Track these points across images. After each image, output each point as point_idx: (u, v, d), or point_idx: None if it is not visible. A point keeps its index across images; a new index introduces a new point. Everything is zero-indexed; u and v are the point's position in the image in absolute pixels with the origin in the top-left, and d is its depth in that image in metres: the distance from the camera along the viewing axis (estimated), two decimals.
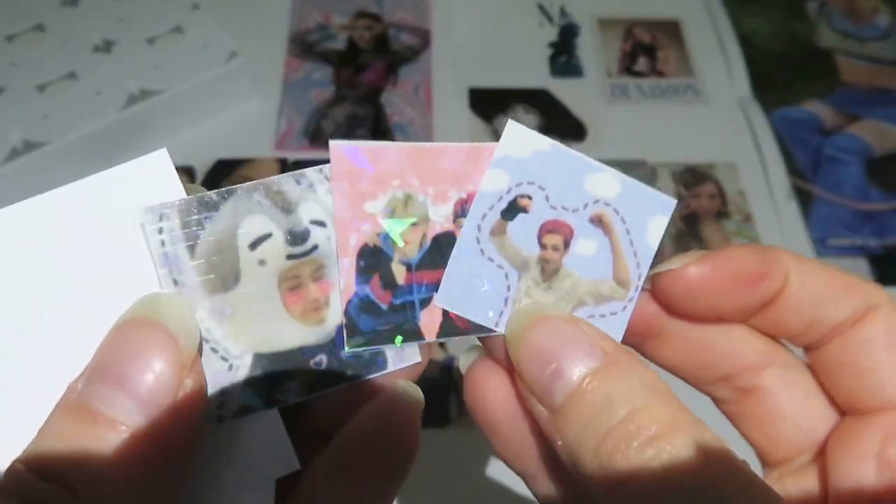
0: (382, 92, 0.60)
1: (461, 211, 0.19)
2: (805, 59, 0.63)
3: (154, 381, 0.15)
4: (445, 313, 0.18)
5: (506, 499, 0.42)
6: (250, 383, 0.16)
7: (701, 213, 0.54)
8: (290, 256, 0.16)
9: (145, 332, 0.15)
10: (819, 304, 0.19)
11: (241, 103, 0.59)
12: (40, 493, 0.14)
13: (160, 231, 0.16)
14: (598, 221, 0.19)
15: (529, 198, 0.19)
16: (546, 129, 0.58)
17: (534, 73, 0.62)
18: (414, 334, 0.18)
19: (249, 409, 0.16)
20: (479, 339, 0.19)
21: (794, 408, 0.21)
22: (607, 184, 0.19)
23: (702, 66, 0.63)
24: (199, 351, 0.16)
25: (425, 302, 0.18)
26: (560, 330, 0.17)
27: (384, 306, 0.18)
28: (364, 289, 0.18)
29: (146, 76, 0.55)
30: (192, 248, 0.16)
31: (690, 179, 0.55)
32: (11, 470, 0.14)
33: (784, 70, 0.62)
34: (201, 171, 0.55)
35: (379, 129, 0.58)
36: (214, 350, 0.16)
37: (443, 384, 0.45)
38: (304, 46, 0.63)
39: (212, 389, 0.16)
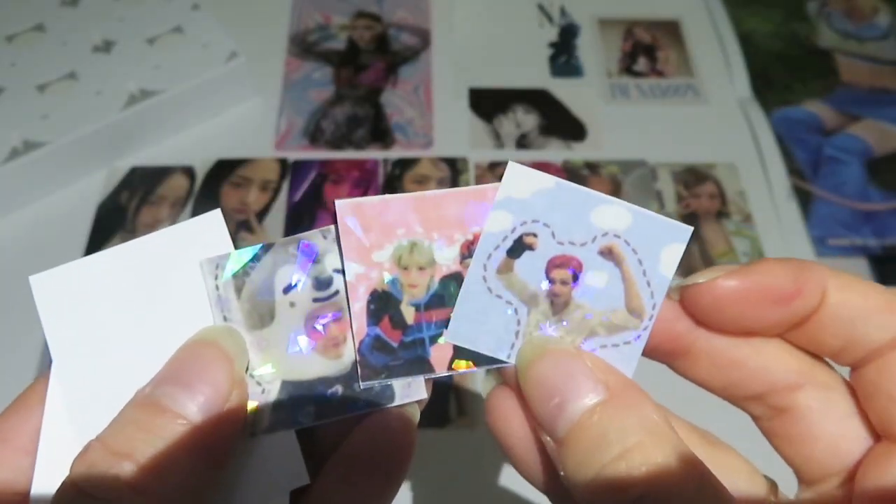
0: (382, 92, 0.60)
1: (468, 252, 0.20)
2: (805, 59, 0.63)
3: (212, 388, 0.18)
4: (457, 347, 0.19)
5: (505, 498, 0.42)
6: (277, 406, 0.19)
7: (701, 213, 0.54)
8: (315, 300, 0.20)
9: (209, 351, 0.19)
10: (858, 324, 0.19)
11: (241, 103, 0.59)
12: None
13: (216, 278, 0.20)
14: (607, 253, 0.19)
15: (535, 235, 0.19)
16: (546, 129, 0.58)
17: (534, 73, 0.62)
18: (424, 368, 0.19)
19: (275, 427, 0.19)
20: (496, 369, 0.20)
21: (828, 430, 0.20)
22: (616, 216, 0.19)
23: (702, 66, 0.63)
24: (246, 372, 0.19)
25: (435, 338, 0.20)
26: (564, 364, 0.18)
27: (395, 344, 0.20)
28: (374, 329, 0.19)
29: (146, 76, 0.55)
30: (239, 292, 0.19)
31: (690, 179, 0.55)
32: (88, 447, 0.17)
33: (784, 70, 0.62)
34: (201, 171, 0.55)
35: (379, 129, 0.58)
36: (251, 375, 0.19)
37: (443, 385, 0.45)
38: (304, 46, 0.63)
39: (248, 407, 0.19)
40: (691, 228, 0.19)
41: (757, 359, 0.20)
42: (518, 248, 0.19)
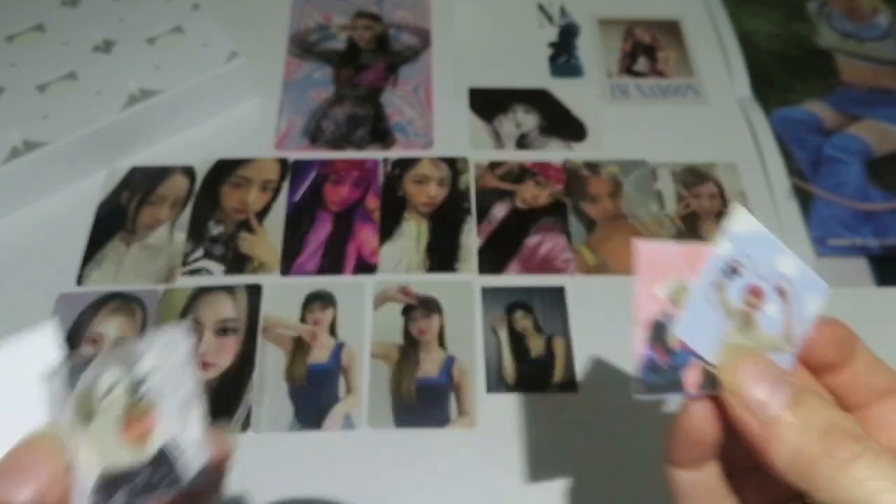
0: (382, 92, 0.60)
1: None
2: (805, 59, 0.63)
3: (38, 482, 0.21)
4: (702, 370, 0.24)
5: (505, 498, 0.42)
6: (96, 495, 0.22)
7: (701, 214, 0.54)
8: (129, 399, 0.23)
9: (37, 447, 0.22)
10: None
11: (241, 103, 0.59)
12: None
13: (49, 381, 0.23)
14: (781, 292, 0.25)
15: (742, 265, 0.24)
16: (546, 129, 0.58)
17: (534, 73, 0.62)
18: (680, 388, 0.24)
19: None
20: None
21: None
22: (790, 265, 0.25)
23: (702, 66, 0.63)
24: (68, 468, 0.22)
25: (688, 363, 0.24)
26: (766, 365, 0.23)
27: (664, 366, 0.24)
28: (650, 352, 0.24)
29: (146, 76, 0.55)
30: (68, 396, 0.23)
31: (690, 179, 0.55)
32: None
33: (784, 70, 0.62)
34: (201, 170, 0.55)
35: (379, 129, 0.58)
36: (76, 469, 0.22)
37: (443, 384, 0.45)
38: (304, 46, 0.63)
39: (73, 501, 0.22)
40: (827, 287, 0.25)
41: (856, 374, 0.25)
42: (730, 272, 0.24)
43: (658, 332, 0.24)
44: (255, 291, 0.49)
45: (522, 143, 0.57)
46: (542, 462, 0.43)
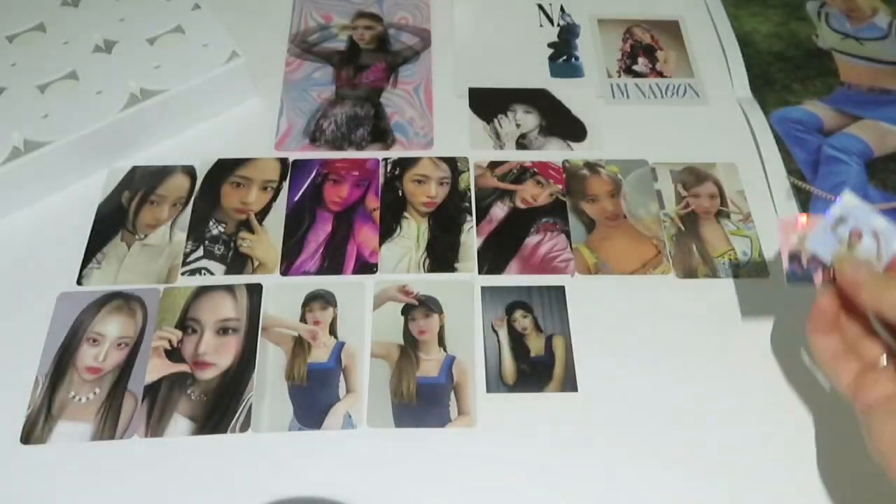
0: (382, 92, 0.60)
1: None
2: (805, 59, 0.63)
3: None
4: (825, 272, 0.40)
5: (505, 498, 0.42)
6: None
7: (701, 213, 0.54)
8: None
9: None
10: None
11: (241, 103, 0.59)
12: None
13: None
14: (874, 235, 0.39)
15: (847, 219, 0.40)
16: (546, 129, 0.58)
17: (534, 73, 0.62)
18: (809, 280, 0.40)
19: None
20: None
21: None
22: (881, 221, 0.39)
23: (702, 66, 0.63)
24: None
25: (815, 270, 0.40)
26: (857, 260, 0.39)
27: (799, 273, 0.40)
28: (791, 266, 0.40)
29: (146, 76, 0.55)
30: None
31: (690, 179, 0.55)
32: None
33: (784, 70, 0.62)
34: (201, 171, 0.55)
35: (379, 129, 0.58)
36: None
37: (443, 384, 0.45)
38: (304, 46, 0.63)
39: None
40: None
41: None
42: (841, 220, 0.40)
43: (793, 257, 0.40)
44: (255, 291, 0.49)
45: (522, 142, 0.57)
46: (541, 462, 0.43)
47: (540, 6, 0.67)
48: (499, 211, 0.53)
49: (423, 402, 0.45)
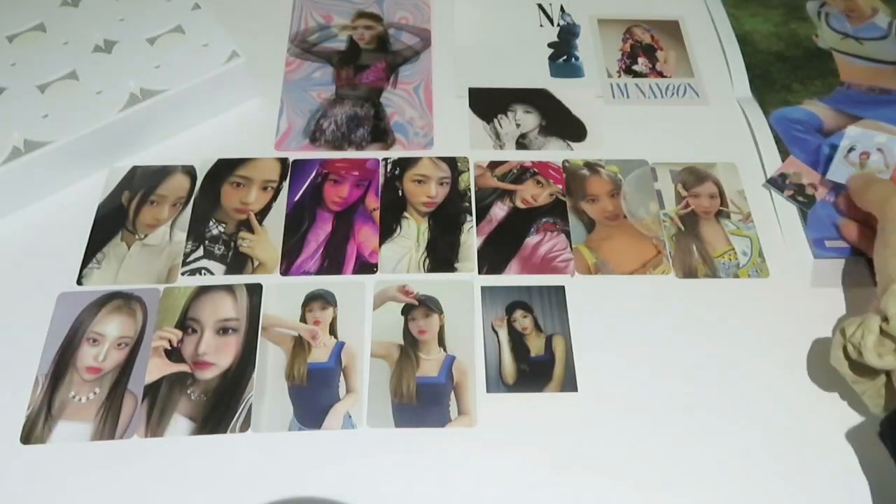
0: (382, 92, 0.60)
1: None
2: (805, 59, 0.63)
3: None
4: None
5: (504, 498, 0.42)
6: None
7: (701, 213, 0.54)
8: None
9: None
10: None
11: (241, 103, 0.59)
12: None
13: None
14: (879, 150, 0.51)
15: (855, 145, 0.52)
16: (546, 129, 0.58)
17: (534, 73, 0.62)
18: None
19: None
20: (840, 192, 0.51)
21: None
22: (884, 137, 0.51)
23: (702, 66, 0.63)
24: None
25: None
26: (872, 177, 0.49)
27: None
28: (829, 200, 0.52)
29: (146, 76, 0.55)
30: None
31: (690, 179, 0.55)
32: None
33: (784, 70, 0.62)
34: (201, 171, 0.55)
35: (379, 129, 0.58)
36: None
37: (442, 384, 0.45)
38: (304, 46, 0.63)
39: None
40: None
41: None
42: (851, 149, 0.51)
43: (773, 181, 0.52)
44: (255, 291, 0.49)
45: (522, 142, 0.57)
46: (541, 462, 0.43)
47: (540, 6, 0.67)
48: (499, 211, 0.53)
49: (423, 401, 0.45)
